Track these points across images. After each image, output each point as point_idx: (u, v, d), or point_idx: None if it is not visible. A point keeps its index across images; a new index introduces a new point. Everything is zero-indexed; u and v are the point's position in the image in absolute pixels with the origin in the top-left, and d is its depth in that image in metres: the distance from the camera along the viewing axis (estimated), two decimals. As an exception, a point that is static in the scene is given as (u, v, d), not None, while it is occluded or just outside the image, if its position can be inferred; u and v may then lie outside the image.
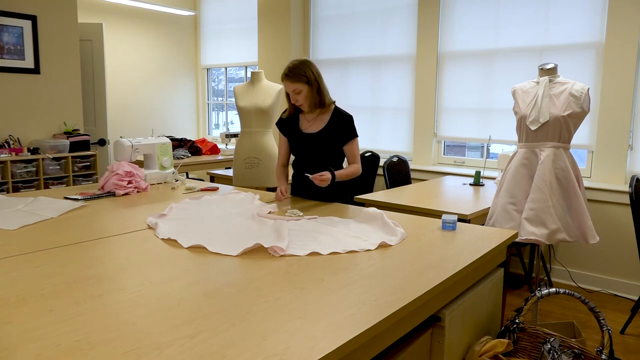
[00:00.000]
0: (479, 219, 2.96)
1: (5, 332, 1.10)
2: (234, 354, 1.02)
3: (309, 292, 1.36)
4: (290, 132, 2.66)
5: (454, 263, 1.65)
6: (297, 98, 2.50)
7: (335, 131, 2.56)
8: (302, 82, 2.46)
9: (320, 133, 2.56)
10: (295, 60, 2.51)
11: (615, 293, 3.72)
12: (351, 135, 2.59)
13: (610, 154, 3.74)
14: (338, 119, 2.56)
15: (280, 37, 5.39)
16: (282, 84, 2.53)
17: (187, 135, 6.65)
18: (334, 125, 2.56)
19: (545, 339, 1.81)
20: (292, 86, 2.47)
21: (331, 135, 2.56)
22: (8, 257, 1.63)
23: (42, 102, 4.47)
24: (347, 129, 2.57)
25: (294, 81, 2.46)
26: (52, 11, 4.45)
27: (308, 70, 2.48)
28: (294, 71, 2.46)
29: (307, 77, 2.47)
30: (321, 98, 2.53)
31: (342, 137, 2.57)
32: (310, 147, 2.60)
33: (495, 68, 4.27)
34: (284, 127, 2.69)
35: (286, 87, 2.51)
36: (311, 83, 2.48)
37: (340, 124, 2.56)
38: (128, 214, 2.28)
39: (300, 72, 2.46)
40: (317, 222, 2.13)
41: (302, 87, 2.47)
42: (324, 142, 2.56)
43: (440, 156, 4.71)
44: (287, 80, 2.48)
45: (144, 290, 1.36)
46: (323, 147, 2.57)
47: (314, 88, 2.49)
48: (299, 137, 2.62)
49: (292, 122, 2.65)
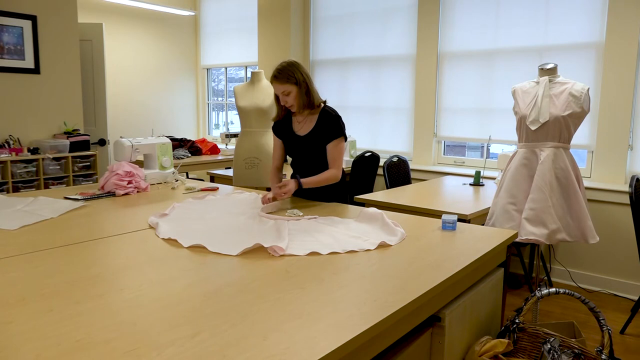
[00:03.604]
0: (479, 219, 2.96)
1: (5, 332, 1.10)
2: (234, 354, 1.02)
3: (309, 292, 1.36)
4: (284, 135, 2.66)
5: (454, 263, 1.65)
6: (287, 99, 2.49)
7: (323, 131, 2.55)
8: (291, 83, 2.46)
9: (310, 134, 2.56)
10: (283, 62, 2.50)
11: (615, 293, 3.72)
12: (335, 134, 2.54)
13: (610, 154, 3.74)
14: (325, 119, 2.55)
15: (280, 37, 5.39)
16: (272, 86, 2.53)
17: (187, 135, 6.65)
18: (321, 126, 2.55)
19: (545, 339, 1.81)
20: (281, 87, 2.47)
21: (319, 136, 2.55)
22: (8, 257, 1.63)
23: (42, 102, 4.47)
24: (332, 128, 2.54)
25: (282, 82, 2.45)
26: (52, 11, 4.45)
27: (297, 72, 2.47)
28: (282, 72, 2.45)
29: (296, 78, 2.46)
30: (310, 99, 2.51)
31: (328, 135, 2.54)
32: (302, 148, 2.60)
33: (495, 68, 4.27)
34: (278, 129, 2.70)
35: (275, 88, 2.50)
36: (300, 84, 2.47)
37: (327, 123, 2.54)
38: (128, 214, 2.28)
39: (288, 73, 2.45)
40: (317, 222, 2.13)
41: (291, 88, 2.46)
42: (315, 143, 2.56)
43: (440, 156, 4.71)
44: (276, 81, 2.47)
45: (144, 290, 1.36)
46: (314, 148, 2.57)
47: (302, 89, 2.48)
48: (292, 139, 2.62)
49: (286, 124, 2.65)
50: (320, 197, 2.65)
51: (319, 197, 2.65)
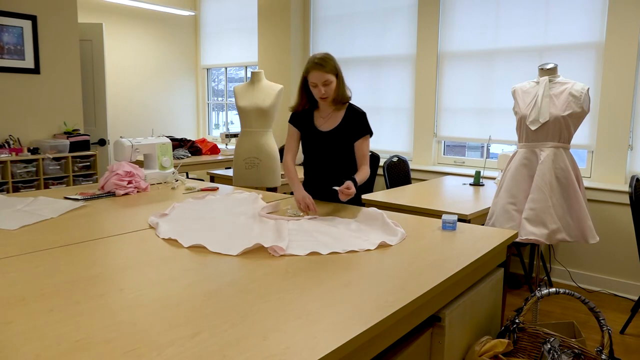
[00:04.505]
0: (479, 219, 2.96)
1: (5, 332, 1.10)
2: (234, 354, 1.02)
3: (309, 292, 1.36)
4: (304, 128, 2.59)
5: (454, 263, 1.65)
6: (326, 89, 2.42)
7: (349, 128, 2.50)
8: (333, 74, 2.42)
9: (334, 131, 2.51)
10: (319, 53, 2.45)
11: (615, 293, 3.72)
12: (364, 130, 2.51)
13: (610, 154, 3.74)
14: (352, 116, 2.51)
15: (280, 37, 5.39)
16: (309, 75, 2.42)
17: (187, 135, 6.64)
18: (348, 122, 2.50)
19: (545, 339, 1.81)
20: (324, 77, 2.39)
21: (345, 133, 2.50)
22: (8, 257, 1.63)
23: (42, 102, 4.47)
24: (361, 125, 2.50)
25: (326, 71, 2.39)
26: (52, 11, 4.45)
27: (336, 64, 2.46)
28: (326, 62, 2.40)
29: (337, 70, 2.44)
30: (344, 93, 2.49)
31: (355, 133, 2.50)
32: (323, 145, 2.54)
33: (495, 68, 4.27)
34: (297, 121, 2.61)
35: (315, 77, 2.41)
36: (339, 76, 2.46)
37: (355, 120, 2.50)
38: (128, 214, 2.28)
39: (331, 63, 2.42)
40: (317, 222, 2.13)
41: (332, 79, 2.42)
42: (338, 140, 2.50)
43: (440, 156, 4.71)
44: (319, 70, 2.39)
45: (144, 290, 1.36)
46: (337, 145, 2.52)
47: (340, 82, 2.47)
48: (313, 134, 2.56)
49: (307, 119, 2.59)
50: (333, 199, 2.55)
51: (332, 198, 2.55)
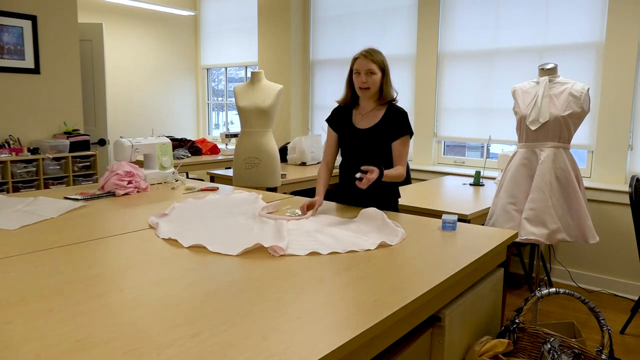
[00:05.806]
0: (479, 219, 2.96)
1: (5, 332, 1.10)
2: (234, 354, 1.02)
3: (309, 292, 1.36)
4: (341, 127, 2.54)
5: (454, 263, 1.65)
6: (368, 79, 2.37)
7: (389, 126, 2.44)
8: (378, 66, 2.38)
9: (373, 128, 2.44)
10: (369, 48, 2.43)
11: (615, 293, 3.72)
12: (404, 130, 2.45)
13: (610, 154, 3.74)
14: (393, 114, 2.45)
15: (280, 37, 5.39)
16: (355, 62, 2.40)
17: (187, 135, 6.64)
18: (388, 121, 2.44)
19: (545, 339, 1.81)
20: (368, 65, 2.35)
21: (384, 131, 2.43)
22: (8, 257, 1.63)
23: (42, 102, 4.47)
24: (401, 124, 2.44)
25: (371, 60, 2.36)
26: (52, 11, 4.45)
27: (384, 59, 2.42)
28: (374, 52, 2.38)
29: (384, 64, 2.41)
30: (388, 90, 2.44)
31: (395, 132, 2.44)
32: (361, 143, 2.47)
33: (495, 68, 4.27)
34: (335, 120, 2.57)
35: (359, 64, 2.37)
36: (385, 71, 2.41)
37: (395, 118, 2.44)
38: (128, 214, 2.28)
39: (379, 56, 2.39)
40: (317, 221, 2.13)
41: (376, 70, 2.37)
42: (377, 138, 2.44)
43: (440, 156, 4.71)
44: (365, 58, 2.36)
45: (144, 290, 1.35)
46: (375, 143, 2.45)
47: (387, 77, 2.43)
48: (351, 132, 2.50)
49: (345, 116, 2.53)
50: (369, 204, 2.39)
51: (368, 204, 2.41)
